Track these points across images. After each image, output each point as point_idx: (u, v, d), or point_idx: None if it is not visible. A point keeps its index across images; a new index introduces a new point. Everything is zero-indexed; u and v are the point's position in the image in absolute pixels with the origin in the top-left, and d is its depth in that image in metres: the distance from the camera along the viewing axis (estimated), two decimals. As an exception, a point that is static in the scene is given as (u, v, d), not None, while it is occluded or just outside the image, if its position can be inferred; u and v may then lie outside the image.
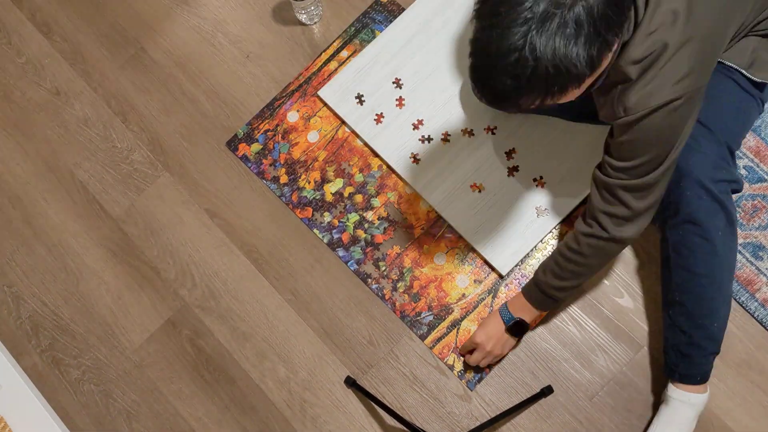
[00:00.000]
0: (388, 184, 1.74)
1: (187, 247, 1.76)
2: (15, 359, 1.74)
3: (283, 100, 1.82)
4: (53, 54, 1.92)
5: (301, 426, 1.65)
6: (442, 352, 1.64)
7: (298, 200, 1.76)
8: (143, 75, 1.89)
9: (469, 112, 1.74)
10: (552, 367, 1.61)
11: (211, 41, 1.89)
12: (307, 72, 1.83)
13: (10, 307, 1.78)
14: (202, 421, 1.67)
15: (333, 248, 1.72)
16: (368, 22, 1.85)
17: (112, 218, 1.81)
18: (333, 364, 1.67)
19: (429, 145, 1.74)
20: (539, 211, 1.67)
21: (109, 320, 1.75)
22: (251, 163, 1.79)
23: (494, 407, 1.61)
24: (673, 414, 1.47)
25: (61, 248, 1.80)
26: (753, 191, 1.65)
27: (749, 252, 1.61)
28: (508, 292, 1.65)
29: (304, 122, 1.80)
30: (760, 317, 1.58)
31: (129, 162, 1.83)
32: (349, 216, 1.73)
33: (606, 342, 1.61)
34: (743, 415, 1.55)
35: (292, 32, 1.88)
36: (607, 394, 1.59)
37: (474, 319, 1.64)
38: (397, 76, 1.78)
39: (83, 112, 1.88)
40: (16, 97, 1.90)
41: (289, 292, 1.72)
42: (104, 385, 1.72)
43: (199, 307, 1.73)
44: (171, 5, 1.93)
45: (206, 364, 1.70)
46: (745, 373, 1.57)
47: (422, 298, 1.67)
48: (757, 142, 1.67)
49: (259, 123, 1.81)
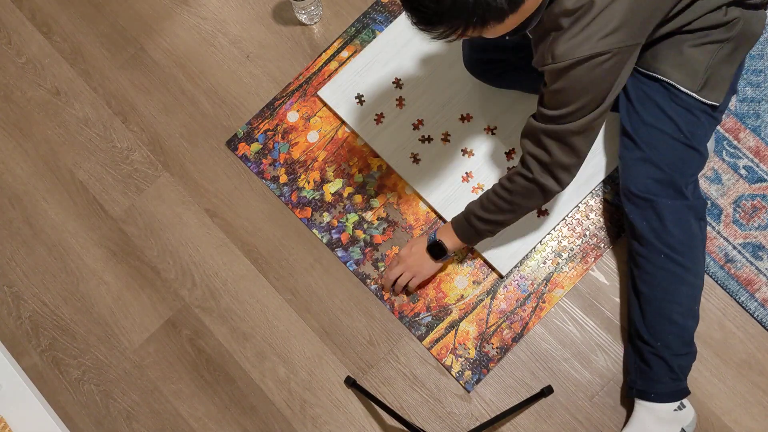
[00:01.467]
0: (387, 185, 1.74)
1: (187, 247, 1.77)
2: (15, 359, 1.74)
3: (283, 99, 1.82)
4: (53, 54, 1.92)
5: (301, 426, 1.65)
6: (440, 353, 1.64)
7: (298, 200, 1.76)
8: (143, 75, 1.89)
9: (470, 112, 1.74)
10: (552, 367, 1.61)
11: (211, 41, 1.89)
12: (308, 72, 1.83)
13: (10, 307, 1.78)
14: (202, 421, 1.67)
15: (332, 248, 1.72)
16: (369, 23, 1.84)
17: (112, 218, 1.81)
18: (333, 364, 1.67)
19: (429, 145, 1.74)
20: (539, 211, 1.67)
21: (109, 320, 1.75)
22: (251, 163, 1.79)
23: (494, 407, 1.61)
24: (632, 416, 1.51)
25: (61, 248, 1.80)
26: (753, 191, 1.65)
27: (749, 252, 1.61)
28: (507, 293, 1.65)
29: (304, 122, 1.80)
30: (760, 317, 1.58)
31: (129, 162, 1.84)
32: (348, 216, 1.73)
33: (606, 342, 1.61)
34: (743, 415, 1.55)
35: (292, 32, 1.88)
36: (607, 394, 1.59)
37: (472, 320, 1.64)
38: (397, 76, 1.78)
39: (83, 112, 1.88)
40: (16, 97, 1.90)
41: (289, 292, 1.72)
42: (104, 385, 1.72)
43: (199, 307, 1.73)
44: (171, 5, 1.93)
45: (206, 364, 1.70)
46: (745, 373, 1.57)
47: (421, 298, 1.67)
48: (756, 142, 1.67)
49: (259, 123, 1.81)
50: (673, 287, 1.45)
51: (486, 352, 1.63)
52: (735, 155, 1.67)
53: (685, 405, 1.47)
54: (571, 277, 1.64)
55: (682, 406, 1.47)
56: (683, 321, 1.45)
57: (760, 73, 1.70)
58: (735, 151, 1.67)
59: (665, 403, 1.46)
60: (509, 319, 1.64)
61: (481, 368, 1.62)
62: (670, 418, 1.47)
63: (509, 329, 1.63)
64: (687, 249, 1.45)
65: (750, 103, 1.69)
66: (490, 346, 1.63)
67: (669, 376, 1.46)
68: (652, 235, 1.45)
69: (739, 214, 1.64)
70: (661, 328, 1.46)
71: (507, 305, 1.64)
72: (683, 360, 1.47)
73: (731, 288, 1.60)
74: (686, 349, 1.47)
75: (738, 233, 1.63)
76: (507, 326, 1.63)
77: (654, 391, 1.47)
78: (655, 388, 1.47)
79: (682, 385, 1.47)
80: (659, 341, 1.46)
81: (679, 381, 1.47)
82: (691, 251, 1.45)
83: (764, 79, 1.70)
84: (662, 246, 1.44)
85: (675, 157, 1.43)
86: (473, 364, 1.62)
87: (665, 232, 1.44)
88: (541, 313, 1.63)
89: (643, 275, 1.48)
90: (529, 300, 1.64)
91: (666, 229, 1.43)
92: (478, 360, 1.63)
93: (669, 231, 1.43)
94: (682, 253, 1.44)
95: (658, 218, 1.44)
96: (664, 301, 1.46)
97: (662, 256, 1.44)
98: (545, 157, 1.35)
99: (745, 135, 1.67)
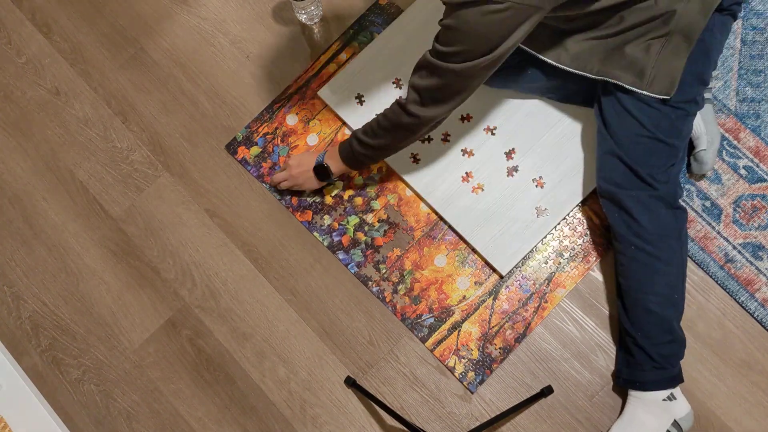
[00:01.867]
0: (388, 187, 1.74)
1: (187, 247, 1.76)
2: (15, 359, 1.74)
3: (282, 102, 1.82)
4: (53, 54, 1.92)
5: (301, 426, 1.65)
6: (443, 354, 1.64)
7: (298, 203, 1.76)
8: (143, 75, 1.88)
9: (470, 112, 1.74)
10: (552, 367, 1.62)
11: (211, 41, 1.89)
12: (306, 75, 1.83)
13: (10, 307, 1.78)
14: (202, 421, 1.67)
15: (333, 251, 1.72)
16: (367, 25, 1.84)
17: (112, 218, 1.81)
18: (333, 364, 1.67)
19: (429, 145, 1.74)
20: (539, 211, 1.67)
21: (109, 320, 1.75)
22: (251, 167, 1.79)
23: (494, 407, 1.61)
24: (624, 407, 1.53)
25: (61, 248, 1.80)
26: (753, 191, 1.65)
27: (749, 252, 1.62)
28: (509, 293, 1.65)
29: (303, 125, 1.80)
30: (760, 317, 1.58)
31: (129, 162, 1.83)
32: (349, 219, 1.73)
33: (606, 342, 1.62)
34: (743, 415, 1.55)
35: (292, 33, 1.88)
36: (607, 394, 1.59)
37: (475, 321, 1.64)
38: (398, 76, 1.78)
39: (83, 112, 1.88)
40: (16, 97, 1.90)
41: (289, 292, 1.72)
42: (104, 385, 1.72)
43: (199, 307, 1.73)
44: (171, 5, 1.93)
45: (206, 364, 1.70)
46: (745, 373, 1.57)
47: (423, 300, 1.67)
48: (756, 142, 1.67)
49: (258, 126, 1.81)
50: (646, 278, 1.49)
51: (489, 352, 1.63)
52: (735, 155, 1.67)
53: (676, 396, 1.49)
54: (573, 276, 1.64)
55: (672, 396, 1.48)
56: (661, 310, 1.48)
57: (760, 73, 1.70)
58: (735, 151, 1.67)
59: (651, 391, 1.49)
60: (512, 319, 1.64)
61: (484, 369, 1.62)
62: (660, 408, 1.48)
63: (512, 329, 1.63)
64: (656, 238, 1.48)
65: (750, 103, 1.69)
66: (493, 347, 1.63)
67: (651, 364, 1.48)
68: (623, 227, 1.50)
69: (739, 214, 1.64)
70: (639, 318, 1.50)
71: (509, 305, 1.65)
72: (664, 348, 1.48)
73: (731, 288, 1.60)
74: (667, 337, 1.48)
75: (738, 233, 1.63)
76: (510, 326, 1.64)
77: (639, 380, 1.50)
78: (640, 377, 1.50)
79: (669, 373, 1.49)
80: (639, 331, 1.49)
81: (663, 369, 1.48)
82: (662, 240, 1.48)
83: (764, 79, 1.70)
84: (632, 237, 1.49)
85: (639, 150, 1.48)
86: (476, 365, 1.62)
87: (634, 223, 1.48)
88: (543, 312, 1.63)
89: (618, 267, 1.54)
90: (531, 300, 1.64)
91: (634, 219, 1.48)
92: (481, 361, 1.63)
93: (637, 221, 1.48)
94: (651, 242, 1.48)
95: (624, 210, 1.49)
96: (639, 291, 1.50)
97: (632, 247, 1.49)
98: (422, 87, 1.39)
99: (745, 135, 1.68)
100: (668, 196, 1.49)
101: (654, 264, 1.48)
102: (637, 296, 1.50)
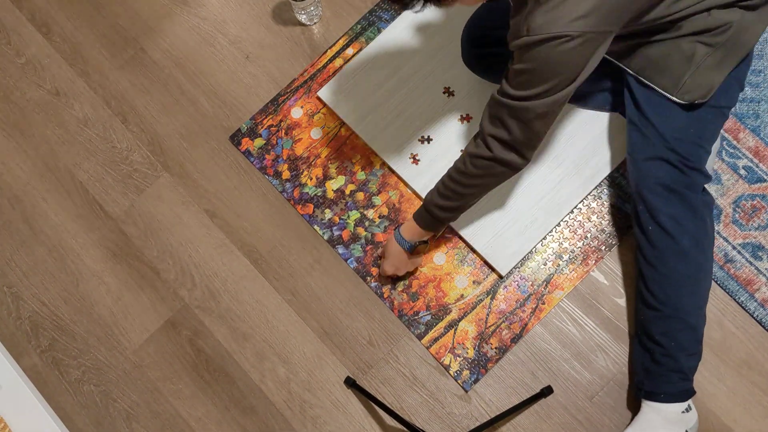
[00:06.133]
0: (389, 183, 1.74)
1: (187, 248, 1.77)
2: (15, 359, 1.74)
3: (287, 96, 1.82)
4: (53, 54, 1.92)
5: (301, 426, 1.65)
6: (438, 352, 1.64)
7: (300, 196, 1.76)
8: (143, 75, 1.89)
9: (470, 112, 1.74)
10: (552, 367, 1.62)
11: (210, 41, 1.89)
12: (312, 69, 1.83)
13: (10, 307, 1.78)
14: (202, 421, 1.67)
15: (333, 245, 1.72)
16: (375, 20, 1.85)
17: (112, 218, 1.81)
18: (333, 364, 1.67)
19: (429, 145, 1.74)
20: (539, 212, 1.67)
21: (108, 321, 1.75)
22: (254, 158, 1.79)
23: (494, 407, 1.61)
24: (638, 416, 1.50)
25: (60, 249, 1.80)
26: (752, 191, 1.65)
27: (749, 252, 1.61)
28: (507, 293, 1.65)
29: (307, 119, 1.80)
30: (760, 317, 1.58)
31: (129, 162, 1.84)
32: (350, 213, 1.73)
33: (606, 342, 1.62)
34: (743, 415, 1.55)
35: (291, 32, 1.88)
36: (607, 394, 1.59)
37: (472, 320, 1.64)
38: (397, 76, 1.78)
39: (83, 112, 1.88)
40: (15, 97, 1.90)
41: (289, 292, 1.72)
42: (104, 386, 1.72)
43: (199, 307, 1.73)
44: (171, 5, 1.93)
45: (206, 364, 1.70)
46: (745, 373, 1.57)
47: (420, 297, 1.67)
48: (756, 142, 1.67)
49: (262, 118, 1.82)
50: (687, 289, 1.44)
51: (484, 352, 1.63)
52: (734, 155, 1.67)
53: (691, 407, 1.47)
54: (572, 279, 1.64)
55: (689, 408, 1.47)
56: (696, 321, 1.45)
57: (760, 73, 1.70)
58: (734, 151, 1.67)
59: (674, 403, 1.46)
60: (508, 319, 1.64)
61: (479, 368, 1.62)
62: (677, 420, 1.46)
63: (508, 330, 1.63)
64: (702, 249, 1.44)
65: (750, 103, 1.69)
66: (489, 347, 1.63)
67: (678, 376, 1.45)
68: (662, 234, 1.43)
69: (738, 215, 1.64)
70: (673, 328, 1.45)
71: (506, 306, 1.64)
72: (693, 360, 1.46)
73: (731, 288, 1.60)
74: (698, 348, 1.47)
75: (737, 233, 1.63)
76: (506, 327, 1.63)
77: (663, 392, 1.46)
78: (665, 389, 1.46)
79: (689, 384, 1.47)
80: (673, 341, 1.44)
81: (688, 381, 1.47)
82: (708, 249, 1.45)
83: (764, 79, 1.70)
84: (674, 244, 1.42)
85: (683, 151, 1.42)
86: (471, 364, 1.62)
87: (680, 229, 1.42)
88: (540, 314, 1.63)
89: (655, 275, 1.46)
90: (529, 301, 1.64)
91: (682, 226, 1.42)
92: (477, 360, 1.63)
93: (685, 228, 1.42)
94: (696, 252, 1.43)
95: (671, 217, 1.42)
96: (679, 301, 1.44)
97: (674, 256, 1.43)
98: (505, 135, 1.35)
99: (745, 135, 1.67)
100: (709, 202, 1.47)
101: (697, 274, 1.44)
102: (678, 306, 1.44)
